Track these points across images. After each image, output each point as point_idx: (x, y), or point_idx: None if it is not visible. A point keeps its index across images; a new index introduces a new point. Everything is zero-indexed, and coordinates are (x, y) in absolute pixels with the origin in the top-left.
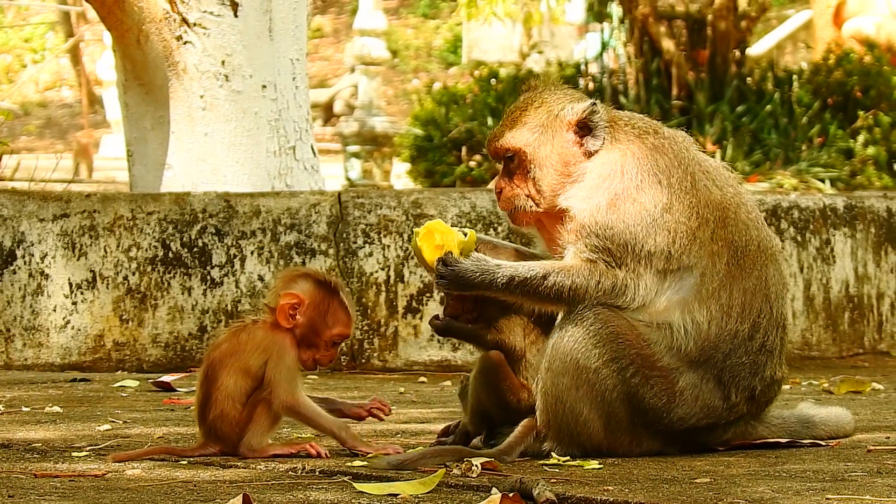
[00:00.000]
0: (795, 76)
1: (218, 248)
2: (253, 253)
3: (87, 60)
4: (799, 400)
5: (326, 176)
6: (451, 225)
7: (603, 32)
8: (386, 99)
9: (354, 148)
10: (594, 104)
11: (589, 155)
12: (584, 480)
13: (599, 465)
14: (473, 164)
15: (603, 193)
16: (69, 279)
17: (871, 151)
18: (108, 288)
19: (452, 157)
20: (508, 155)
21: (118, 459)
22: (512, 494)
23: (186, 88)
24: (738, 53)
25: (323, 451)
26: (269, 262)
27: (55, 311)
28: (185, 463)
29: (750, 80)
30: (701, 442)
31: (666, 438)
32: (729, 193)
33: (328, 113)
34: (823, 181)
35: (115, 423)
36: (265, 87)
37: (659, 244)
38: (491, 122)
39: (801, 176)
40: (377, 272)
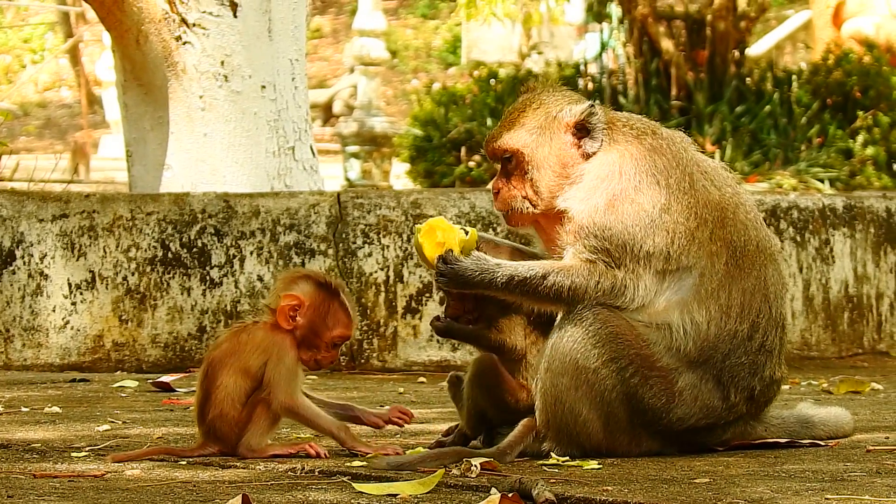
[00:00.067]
0: (795, 76)
1: (217, 248)
2: (252, 253)
3: (86, 61)
4: (798, 400)
5: (326, 176)
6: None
7: (602, 33)
8: (385, 99)
9: (354, 148)
10: (592, 106)
11: (587, 157)
12: (583, 480)
13: (599, 465)
14: (473, 164)
15: (601, 194)
16: (68, 279)
17: (870, 151)
18: (107, 288)
19: (452, 157)
20: (506, 156)
21: (117, 460)
22: (511, 494)
23: (186, 89)
24: (737, 54)
25: (322, 451)
26: (268, 262)
27: (54, 311)
28: (184, 463)
29: (749, 80)
30: (700, 442)
31: (665, 438)
32: (727, 193)
33: (327, 113)
34: (823, 181)
35: (114, 423)
36: (264, 87)
37: (658, 245)
38: (490, 122)
39: (800, 176)
40: (376, 272)
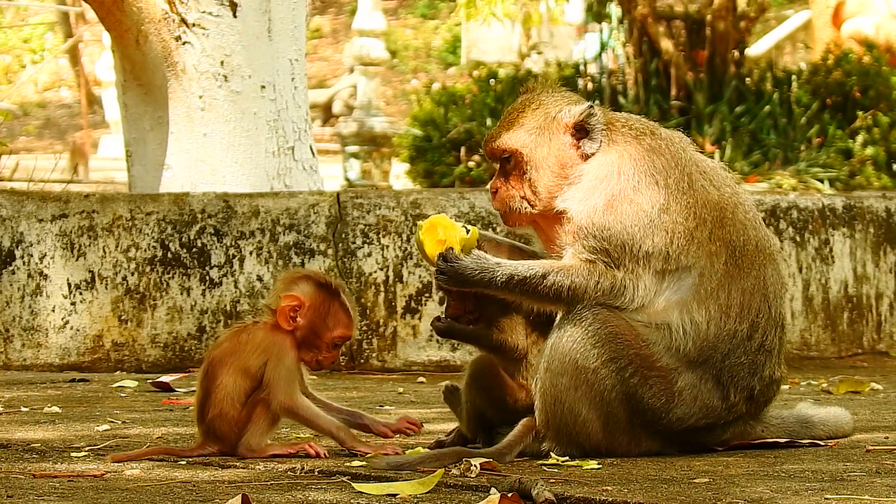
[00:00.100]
0: (794, 76)
1: (217, 248)
2: (252, 253)
3: (86, 61)
4: (798, 400)
5: (325, 176)
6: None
7: (602, 33)
8: (385, 99)
9: (353, 148)
10: (591, 107)
11: (585, 157)
12: (582, 480)
13: (598, 465)
14: (472, 164)
15: (600, 195)
16: (68, 279)
17: (869, 151)
18: (106, 288)
19: (451, 157)
20: (505, 156)
21: (117, 460)
22: (511, 494)
23: (185, 89)
24: (736, 54)
25: (322, 451)
26: (267, 262)
27: (54, 311)
28: (183, 463)
29: (749, 80)
30: (700, 442)
31: (665, 438)
32: (726, 193)
33: (327, 113)
34: (822, 181)
35: (113, 423)
36: (264, 87)
37: (657, 245)
38: (490, 122)
39: (799, 176)
40: (376, 272)
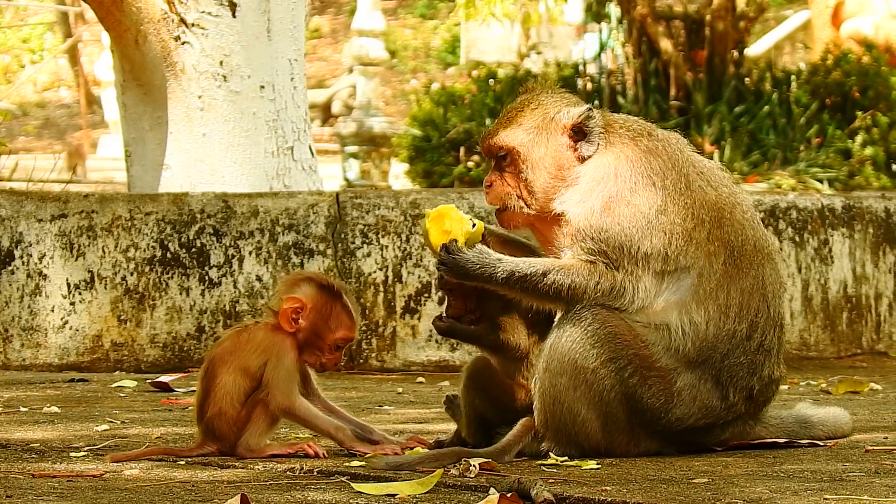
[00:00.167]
0: (794, 76)
1: (216, 248)
2: (251, 253)
3: (85, 61)
4: (797, 400)
5: (324, 176)
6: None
7: (601, 33)
8: (384, 99)
9: (352, 148)
10: (590, 109)
11: (582, 160)
12: (581, 480)
13: (597, 465)
14: (472, 164)
15: (597, 197)
16: (67, 279)
17: (869, 152)
18: (106, 288)
19: (451, 157)
20: (501, 154)
21: (116, 460)
22: (510, 494)
23: (184, 89)
24: (736, 54)
25: (321, 451)
26: (267, 262)
27: (53, 311)
28: (183, 463)
29: (748, 80)
30: (699, 442)
31: (664, 438)
32: (724, 193)
33: (326, 113)
34: (821, 181)
35: (113, 423)
36: (263, 87)
37: (655, 246)
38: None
39: (799, 176)
40: (375, 272)
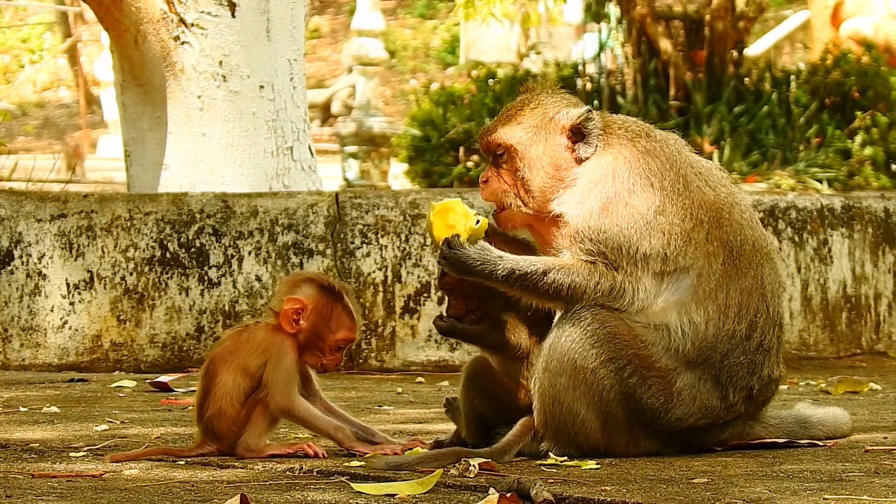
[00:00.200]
0: (793, 76)
1: (215, 248)
2: (250, 253)
3: (84, 61)
4: (796, 400)
5: (324, 176)
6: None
7: (600, 33)
8: (383, 99)
9: (352, 148)
10: (590, 111)
11: (580, 161)
12: (581, 480)
13: (597, 465)
14: (471, 164)
15: (595, 198)
16: (66, 279)
17: (868, 152)
18: (105, 288)
19: (450, 157)
20: (499, 151)
21: (116, 460)
22: (509, 494)
23: (184, 89)
24: (735, 54)
25: (320, 451)
26: (266, 262)
27: (52, 311)
28: (182, 463)
29: (747, 80)
30: (698, 442)
31: (663, 438)
32: (722, 193)
33: (326, 113)
34: (821, 181)
35: (112, 423)
36: (263, 87)
37: (654, 246)
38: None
39: (798, 176)
40: (375, 272)
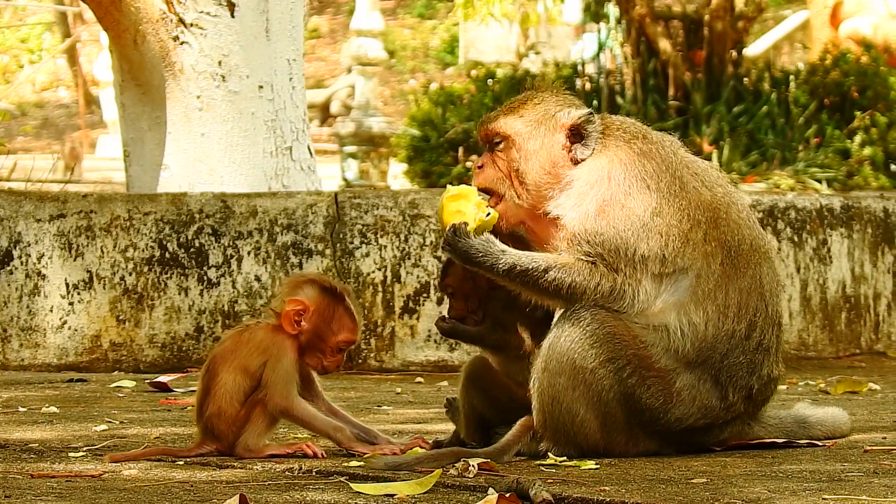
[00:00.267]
0: (792, 76)
1: (215, 248)
2: (250, 253)
3: (83, 61)
4: (795, 400)
5: (323, 176)
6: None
7: (600, 33)
8: (383, 99)
9: (351, 148)
10: (591, 114)
11: (576, 162)
12: (580, 481)
13: (596, 465)
14: (470, 164)
15: (591, 201)
16: (66, 279)
17: (867, 152)
18: (104, 288)
19: (449, 157)
20: (497, 140)
21: (115, 460)
22: (508, 495)
23: (183, 89)
24: (734, 54)
25: (319, 451)
26: (265, 262)
27: (52, 311)
28: (181, 463)
29: (747, 80)
30: (698, 442)
31: (663, 439)
32: (719, 194)
33: (325, 113)
34: (820, 181)
35: (111, 423)
36: (262, 87)
37: (652, 248)
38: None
39: (797, 176)
40: (374, 272)
